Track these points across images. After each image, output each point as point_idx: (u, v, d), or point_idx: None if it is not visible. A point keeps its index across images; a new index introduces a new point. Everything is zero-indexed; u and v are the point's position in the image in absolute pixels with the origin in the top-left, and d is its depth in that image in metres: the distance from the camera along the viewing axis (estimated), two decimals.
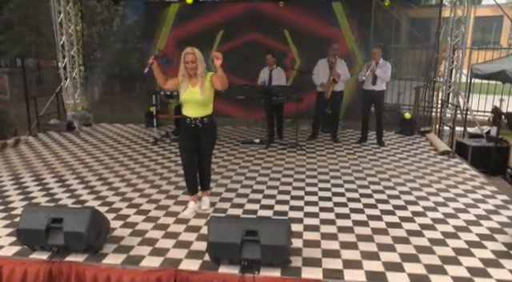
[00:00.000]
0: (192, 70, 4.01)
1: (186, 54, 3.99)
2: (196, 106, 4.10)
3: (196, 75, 4.04)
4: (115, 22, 12.06)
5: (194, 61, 3.97)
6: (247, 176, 5.49)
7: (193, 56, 3.97)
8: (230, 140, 7.61)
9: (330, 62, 7.20)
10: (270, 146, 7.09)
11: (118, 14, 11.94)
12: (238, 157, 6.43)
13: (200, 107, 4.10)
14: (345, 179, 5.40)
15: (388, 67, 7.06)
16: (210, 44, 8.82)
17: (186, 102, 4.13)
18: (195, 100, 4.07)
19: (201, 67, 4.02)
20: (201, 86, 4.04)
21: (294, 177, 5.47)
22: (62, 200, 4.62)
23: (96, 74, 12.19)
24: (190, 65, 3.98)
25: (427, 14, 18.11)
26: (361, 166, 6.00)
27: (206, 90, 4.08)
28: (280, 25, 8.60)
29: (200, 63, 4.00)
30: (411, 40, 13.11)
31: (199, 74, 4.03)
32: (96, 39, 11.95)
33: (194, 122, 4.12)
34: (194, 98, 4.07)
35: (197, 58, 3.98)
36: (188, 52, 3.99)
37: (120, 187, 5.05)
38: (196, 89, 4.05)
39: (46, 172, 5.61)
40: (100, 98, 15.71)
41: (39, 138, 7.72)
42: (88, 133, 8.17)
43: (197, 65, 3.98)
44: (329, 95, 7.17)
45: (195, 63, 3.98)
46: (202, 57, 4.08)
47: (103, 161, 6.17)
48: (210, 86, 4.10)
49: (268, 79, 7.36)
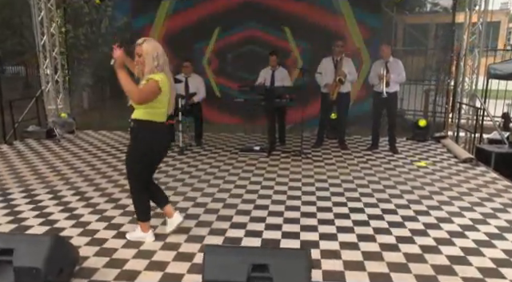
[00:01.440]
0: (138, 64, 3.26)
1: (137, 44, 3.21)
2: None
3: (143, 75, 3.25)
4: (103, 24, 11.34)
5: (140, 54, 3.19)
6: (248, 189, 4.74)
7: (139, 48, 3.18)
8: (227, 148, 6.87)
9: (336, 60, 6.52)
10: (272, 153, 6.37)
11: (107, 15, 11.23)
12: (237, 167, 5.69)
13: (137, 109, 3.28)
14: (361, 191, 4.68)
15: (400, 67, 6.38)
16: (205, 41, 8.15)
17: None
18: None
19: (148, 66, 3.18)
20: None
21: (303, 189, 4.73)
22: (27, 221, 3.85)
23: (83, 78, 11.45)
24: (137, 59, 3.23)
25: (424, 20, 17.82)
26: (376, 176, 5.28)
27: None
28: (281, 19, 7.90)
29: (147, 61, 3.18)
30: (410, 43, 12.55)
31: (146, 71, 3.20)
32: (83, 41, 11.22)
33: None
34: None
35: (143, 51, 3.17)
36: (138, 43, 3.21)
37: (99, 203, 4.29)
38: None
39: (14, 186, 4.84)
40: (89, 104, 15.00)
41: (14, 146, 6.94)
42: (70, 141, 7.39)
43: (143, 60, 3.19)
44: (334, 97, 6.48)
45: (142, 57, 3.19)
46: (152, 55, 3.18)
47: (82, 172, 5.40)
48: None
49: (270, 80, 6.67)
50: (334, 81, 6.37)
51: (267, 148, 6.42)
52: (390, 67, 6.26)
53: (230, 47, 8.16)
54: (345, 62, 6.44)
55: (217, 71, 8.29)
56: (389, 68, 6.24)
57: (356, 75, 6.60)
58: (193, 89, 6.91)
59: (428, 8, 25.44)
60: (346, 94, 6.60)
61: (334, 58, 6.51)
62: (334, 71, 6.45)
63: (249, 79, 7.23)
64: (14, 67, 20.14)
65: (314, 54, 7.50)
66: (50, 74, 8.20)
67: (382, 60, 6.34)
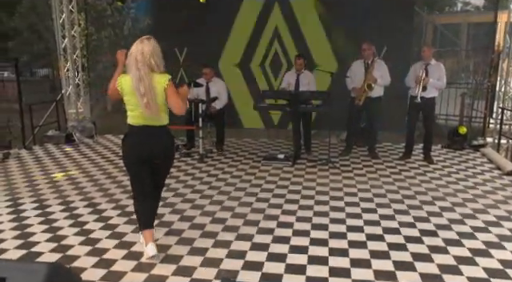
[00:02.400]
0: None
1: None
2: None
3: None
4: (126, 26, 11.21)
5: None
6: (271, 203, 4.38)
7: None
8: (249, 155, 6.53)
9: (366, 63, 6.08)
10: (297, 162, 5.99)
11: (130, 17, 11.10)
12: (260, 177, 5.33)
13: None
14: (395, 207, 4.24)
15: (441, 71, 5.88)
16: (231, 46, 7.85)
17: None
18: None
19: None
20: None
21: (331, 204, 4.33)
22: (35, 236, 3.61)
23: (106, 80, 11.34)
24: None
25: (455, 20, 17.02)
26: (412, 189, 4.82)
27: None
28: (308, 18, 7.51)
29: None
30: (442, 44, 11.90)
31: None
32: (106, 44, 11.11)
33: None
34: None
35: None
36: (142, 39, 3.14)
37: (111, 217, 4.01)
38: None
39: (26, 195, 4.64)
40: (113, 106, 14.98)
41: (33, 151, 6.81)
42: (88, 146, 7.22)
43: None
44: (361, 102, 6.03)
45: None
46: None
47: (97, 181, 5.17)
48: None
49: (295, 84, 6.29)
50: (362, 86, 5.93)
51: (292, 156, 6.05)
52: (430, 70, 5.77)
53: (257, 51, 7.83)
54: (377, 65, 5.98)
55: None
56: (428, 71, 5.76)
57: (389, 79, 6.12)
58: (214, 93, 6.61)
59: (459, 7, 24.53)
60: (377, 99, 6.13)
61: (364, 61, 6.08)
62: (364, 75, 6.03)
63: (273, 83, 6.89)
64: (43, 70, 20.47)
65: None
66: (70, 76, 8.07)
67: (422, 62, 5.87)
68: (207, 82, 6.61)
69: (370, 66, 5.95)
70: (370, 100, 6.03)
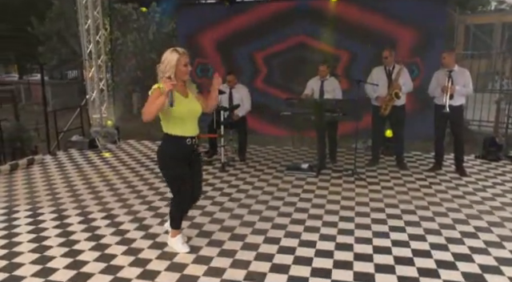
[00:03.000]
0: (187, 75, 3.20)
1: (183, 54, 3.13)
2: (194, 122, 3.29)
3: (183, 83, 3.22)
4: (151, 30, 11.24)
5: (187, 64, 3.18)
6: (293, 219, 4.19)
7: (188, 57, 3.18)
8: (272, 164, 6.36)
9: (388, 70, 5.81)
10: (321, 172, 5.77)
11: (155, 21, 11.13)
12: (282, 189, 5.15)
13: (196, 123, 3.32)
14: (426, 226, 3.97)
15: (467, 77, 5.54)
16: (256, 47, 7.69)
17: (184, 117, 3.21)
18: (196, 114, 3.29)
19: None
20: (193, 95, 3.29)
21: (356, 221, 4.10)
22: (51, 250, 3.54)
23: (131, 84, 11.42)
24: (187, 69, 3.18)
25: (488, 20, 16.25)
26: (443, 206, 4.53)
27: (201, 100, 3.35)
28: (333, 24, 7.27)
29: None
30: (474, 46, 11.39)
31: (188, 79, 3.26)
32: (131, 48, 11.18)
33: (191, 142, 3.27)
34: (195, 110, 3.28)
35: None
36: (185, 52, 3.16)
37: (128, 231, 3.92)
38: (191, 99, 3.26)
39: (46, 204, 4.61)
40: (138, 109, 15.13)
41: (57, 157, 6.84)
42: (111, 152, 7.21)
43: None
44: (387, 112, 5.76)
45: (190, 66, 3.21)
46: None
47: (116, 191, 5.10)
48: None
49: (319, 91, 6.08)
50: (389, 94, 5.66)
51: (316, 166, 5.84)
52: (455, 77, 5.45)
53: (280, 54, 7.64)
54: (400, 71, 5.71)
55: (265, 80, 7.80)
56: (453, 78, 5.44)
57: (411, 85, 5.84)
58: (237, 100, 6.47)
59: (492, 6, 23.51)
60: (401, 108, 5.84)
61: (386, 67, 5.81)
62: (388, 82, 5.76)
63: (297, 90, 6.68)
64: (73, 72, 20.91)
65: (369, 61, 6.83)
66: (95, 81, 8.10)
67: (444, 69, 5.55)
68: (230, 89, 6.48)
69: (397, 74, 5.68)
70: (394, 108, 5.75)
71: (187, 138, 3.21)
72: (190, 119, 3.23)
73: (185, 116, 3.19)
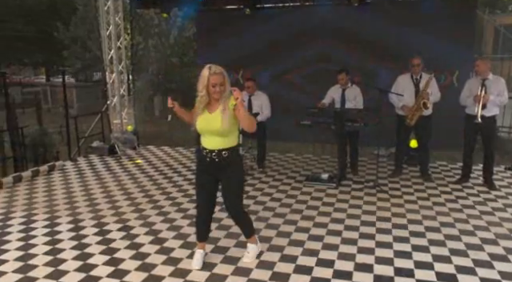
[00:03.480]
0: (219, 95, 3.13)
1: (213, 74, 3.09)
2: (214, 137, 3.21)
3: (217, 100, 3.18)
4: (172, 35, 11.27)
5: (223, 83, 3.11)
6: (311, 235, 4.05)
7: (222, 77, 3.10)
8: (291, 173, 6.23)
9: (415, 79, 5.59)
10: (342, 183, 5.61)
11: (177, 26, 11.16)
12: (300, 201, 5.02)
13: (220, 138, 3.20)
14: (451, 246, 3.77)
15: (502, 85, 5.28)
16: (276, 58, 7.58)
17: (202, 131, 3.25)
18: (214, 130, 3.17)
19: (228, 88, 3.15)
20: (223, 112, 3.14)
21: (377, 239, 3.93)
22: (65, 263, 3.52)
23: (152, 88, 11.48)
24: (218, 89, 3.10)
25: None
26: (470, 223, 4.31)
27: (230, 117, 3.14)
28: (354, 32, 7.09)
29: (228, 83, 3.16)
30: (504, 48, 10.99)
31: (224, 96, 3.15)
32: (152, 52, 11.23)
33: (209, 155, 3.23)
34: (212, 126, 3.17)
35: (225, 79, 3.13)
36: (215, 72, 3.09)
37: (143, 244, 3.86)
38: (215, 115, 3.17)
39: (64, 213, 4.62)
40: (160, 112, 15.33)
41: (78, 163, 6.89)
42: (130, 159, 7.22)
43: (225, 88, 3.13)
44: (413, 123, 5.55)
45: (224, 86, 3.12)
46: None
47: (134, 200, 5.08)
48: (234, 115, 3.15)
49: (340, 100, 5.92)
50: (417, 104, 5.45)
51: (337, 176, 5.69)
52: (489, 86, 5.20)
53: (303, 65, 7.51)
54: (427, 80, 5.48)
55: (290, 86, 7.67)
56: (487, 87, 5.19)
57: (439, 95, 5.60)
58: (256, 108, 6.36)
59: None
60: (428, 118, 5.61)
61: (412, 76, 5.60)
62: (414, 91, 5.55)
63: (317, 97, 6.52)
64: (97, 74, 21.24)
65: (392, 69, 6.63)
66: (116, 87, 8.16)
67: (477, 77, 5.31)
68: (250, 96, 6.38)
69: (426, 84, 5.45)
70: (421, 118, 5.53)
71: (205, 150, 3.23)
72: (209, 134, 3.20)
73: (203, 131, 3.23)
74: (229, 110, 3.10)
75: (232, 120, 3.13)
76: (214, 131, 3.15)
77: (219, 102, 3.15)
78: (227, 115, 3.09)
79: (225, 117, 3.09)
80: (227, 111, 3.10)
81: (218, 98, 3.13)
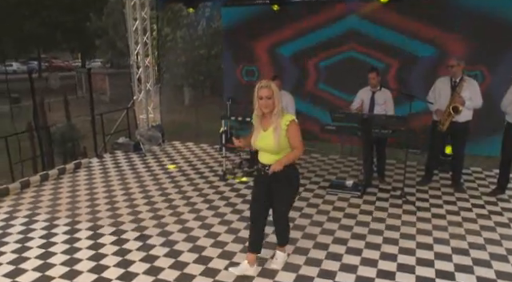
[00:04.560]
0: (266, 108, 3.21)
1: (260, 87, 3.20)
2: (267, 153, 3.35)
3: (270, 115, 3.24)
4: (200, 26, 11.15)
5: (269, 97, 3.18)
6: (329, 253, 3.91)
7: (268, 91, 3.17)
8: (315, 178, 6.06)
9: (454, 82, 5.23)
10: (366, 192, 5.40)
11: (205, 17, 11.01)
12: (322, 211, 4.86)
13: (273, 155, 3.30)
14: (479, 274, 3.54)
15: None
16: (307, 54, 7.34)
17: (258, 148, 3.41)
18: (269, 148, 3.29)
19: (278, 105, 3.21)
20: (275, 130, 3.23)
21: (398, 261, 3.74)
22: (81, 277, 3.54)
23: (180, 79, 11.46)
24: (265, 101, 3.18)
25: None
26: (503, 246, 4.01)
27: (282, 135, 3.23)
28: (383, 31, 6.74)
29: (277, 100, 3.20)
30: None
31: (275, 113, 3.22)
32: (180, 44, 11.17)
33: (263, 169, 3.38)
34: (267, 145, 3.28)
35: (274, 93, 3.19)
36: (262, 86, 3.20)
37: (158, 257, 3.84)
38: (268, 133, 3.27)
39: (85, 218, 4.67)
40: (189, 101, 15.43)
41: (103, 161, 6.97)
42: (154, 156, 7.25)
43: (273, 102, 3.19)
44: (445, 128, 5.22)
45: (271, 99, 3.19)
46: (279, 93, 3.26)
47: (154, 204, 5.07)
48: (285, 135, 3.25)
49: (369, 104, 5.65)
50: (447, 109, 5.11)
51: (362, 183, 5.49)
52: None
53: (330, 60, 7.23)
54: (466, 84, 5.12)
55: (315, 85, 7.43)
56: None
57: (480, 101, 5.22)
58: None
59: None
60: (465, 124, 5.26)
61: (452, 78, 5.25)
62: (451, 95, 5.21)
63: (347, 100, 6.29)
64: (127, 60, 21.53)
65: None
66: (142, 82, 8.15)
67: None
68: None
69: (458, 86, 5.10)
70: (455, 125, 5.20)
71: (259, 164, 3.41)
72: (264, 150, 3.33)
73: (261, 148, 3.35)
74: (281, 130, 3.19)
75: (284, 139, 3.21)
76: (268, 149, 3.28)
77: (271, 119, 3.22)
78: (278, 135, 3.19)
79: (276, 136, 3.19)
80: (279, 131, 3.18)
81: (269, 113, 3.20)
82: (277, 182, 3.34)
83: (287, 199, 3.49)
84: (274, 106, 3.18)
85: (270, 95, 3.16)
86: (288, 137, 3.22)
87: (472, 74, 5.97)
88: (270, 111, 3.20)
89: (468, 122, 5.29)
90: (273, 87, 3.18)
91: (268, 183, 3.38)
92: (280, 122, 3.21)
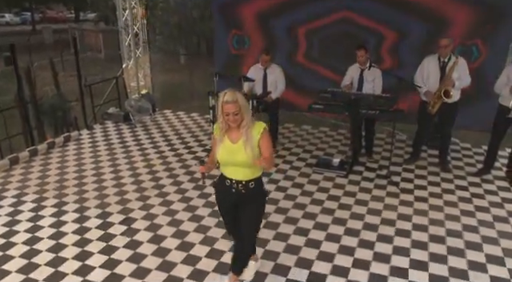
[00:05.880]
0: (234, 123, 2.88)
1: (225, 103, 2.82)
2: (238, 168, 2.96)
3: (238, 127, 2.91)
4: None
5: (236, 113, 2.83)
6: (309, 239, 3.98)
7: (235, 106, 2.81)
8: (303, 153, 6.08)
9: (442, 61, 5.10)
10: (353, 171, 5.44)
11: None
12: (306, 192, 4.91)
13: (246, 169, 2.96)
14: (452, 265, 3.63)
15: None
16: (296, 20, 7.07)
17: (224, 162, 3.01)
18: (238, 161, 2.93)
19: (247, 117, 2.88)
20: (247, 142, 2.88)
21: (375, 249, 3.82)
22: (65, 250, 3.66)
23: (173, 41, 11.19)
24: (232, 117, 2.84)
25: None
26: (479, 233, 4.09)
27: (254, 147, 2.91)
28: None
29: (246, 112, 2.87)
30: None
31: (244, 125, 2.88)
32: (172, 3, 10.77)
33: (235, 186, 3.00)
34: (235, 158, 2.93)
35: (241, 107, 2.83)
36: (227, 101, 2.81)
37: (141, 243, 3.94)
38: (239, 146, 2.91)
39: (72, 199, 4.74)
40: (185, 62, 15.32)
41: (93, 133, 6.96)
42: (144, 127, 7.23)
43: (241, 115, 2.85)
44: (434, 111, 5.15)
45: (238, 115, 2.84)
46: (247, 103, 2.90)
47: (141, 183, 5.11)
48: (258, 145, 2.93)
49: (358, 81, 5.55)
50: (438, 92, 5.02)
51: (349, 160, 5.51)
52: None
53: (322, 29, 6.98)
54: (456, 63, 4.98)
55: (306, 55, 7.24)
56: None
57: (469, 79, 5.11)
58: (271, 82, 6.09)
59: None
60: (453, 105, 5.17)
61: (440, 58, 5.11)
62: (440, 75, 5.09)
63: (338, 68, 6.14)
64: None
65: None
66: (132, 50, 7.96)
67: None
68: (265, 69, 6.09)
69: (451, 69, 4.97)
70: (444, 105, 5.12)
71: (227, 180, 3.02)
72: (234, 165, 2.96)
73: (226, 163, 2.98)
74: (254, 140, 2.88)
75: (257, 150, 2.91)
76: (240, 163, 2.92)
77: (240, 131, 2.89)
78: (252, 146, 2.87)
79: (249, 148, 2.86)
80: (251, 142, 2.87)
81: (237, 126, 2.89)
82: (249, 199, 3.04)
83: (260, 214, 3.19)
84: (243, 118, 2.86)
85: (237, 111, 2.81)
86: (260, 146, 2.92)
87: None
88: (238, 125, 2.89)
89: (456, 102, 5.21)
90: (239, 101, 2.81)
91: (236, 201, 3.07)
92: (252, 132, 2.89)
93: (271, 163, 3.00)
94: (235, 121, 2.84)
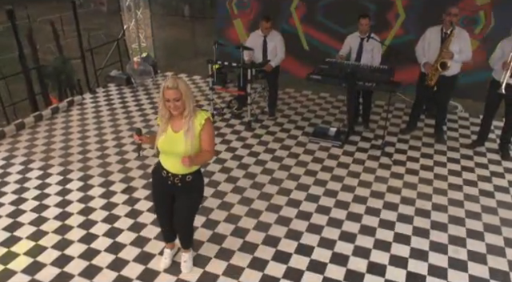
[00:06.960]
0: (175, 111, 2.84)
1: (167, 89, 2.77)
2: (177, 159, 2.87)
3: (181, 116, 2.88)
4: None
5: (178, 99, 2.79)
6: (301, 211, 4.19)
7: (176, 92, 2.77)
8: (301, 121, 6.18)
9: (444, 33, 5.04)
10: (348, 141, 5.55)
11: None
12: (301, 162, 5.07)
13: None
14: (433, 239, 3.84)
15: None
16: None
17: (164, 152, 2.99)
18: (179, 151, 2.88)
19: (189, 106, 2.84)
20: (187, 132, 2.87)
21: (362, 222, 4.03)
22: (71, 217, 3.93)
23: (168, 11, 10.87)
24: (173, 104, 2.80)
25: None
26: (464, 207, 4.28)
27: (196, 138, 2.90)
28: None
29: (187, 100, 2.82)
30: None
31: (186, 114, 2.86)
32: None
33: (171, 178, 3.02)
34: (174, 148, 2.91)
35: (182, 94, 2.79)
36: (169, 86, 2.76)
37: (141, 212, 4.18)
38: (179, 135, 2.89)
39: (76, 166, 4.95)
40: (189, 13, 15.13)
41: (96, 97, 7.07)
42: (145, 90, 7.31)
43: (183, 103, 2.82)
44: (433, 83, 5.15)
45: (179, 101, 2.80)
46: (190, 91, 2.84)
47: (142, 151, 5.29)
48: (199, 135, 2.92)
49: (357, 51, 5.52)
50: (435, 64, 5.00)
51: (345, 129, 5.63)
52: None
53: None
54: (456, 36, 4.92)
55: (304, 19, 7.12)
56: None
57: (470, 54, 5.06)
58: (271, 49, 6.08)
59: None
60: (451, 78, 5.17)
61: (442, 29, 5.04)
62: (440, 48, 5.05)
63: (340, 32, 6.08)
64: None
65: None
66: (132, 10, 7.86)
67: None
68: (265, 36, 6.06)
69: (448, 40, 4.92)
70: (442, 78, 5.13)
71: (163, 170, 3.03)
72: (171, 154, 2.94)
73: (166, 152, 2.97)
74: (195, 130, 2.86)
75: (197, 141, 2.89)
76: (177, 153, 2.88)
77: (182, 120, 2.87)
78: (191, 137, 2.85)
79: (189, 139, 2.84)
80: (192, 132, 2.85)
81: (179, 115, 2.86)
82: (185, 191, 3.06)
83: (192, 207, 3.20)
84: (185, 107, 2.81)
85: (179, 97, 2.75)
86: (201, 138, 2.90)
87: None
88: (181, 113, 2.84)
89: (455, 75, 5.21)
90: (181, 87, 2.75)
91: (170, 192, 3.10)
92: (194, 122, 2.86)
93: (203, 160, 2.97)
94: (176, 108, 2.79)
